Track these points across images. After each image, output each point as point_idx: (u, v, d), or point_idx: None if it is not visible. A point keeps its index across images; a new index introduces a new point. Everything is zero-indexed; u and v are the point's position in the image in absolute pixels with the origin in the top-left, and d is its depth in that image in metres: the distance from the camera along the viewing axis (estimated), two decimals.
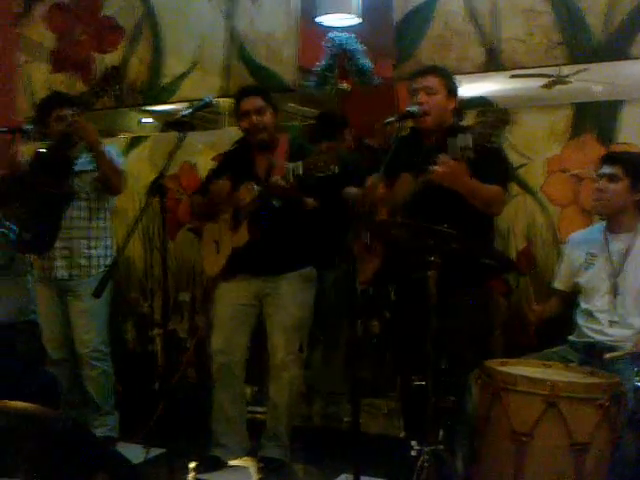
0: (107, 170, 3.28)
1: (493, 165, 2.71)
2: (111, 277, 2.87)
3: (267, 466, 3.16)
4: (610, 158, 2.73)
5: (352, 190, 2.99)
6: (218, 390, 3.23)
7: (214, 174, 3.34)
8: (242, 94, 3.18)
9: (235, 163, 3.25)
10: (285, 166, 2.87)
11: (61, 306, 3.43)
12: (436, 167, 2.52)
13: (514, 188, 3.14)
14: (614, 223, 2.73)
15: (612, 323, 2.63)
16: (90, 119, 3.27)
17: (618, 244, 2.69)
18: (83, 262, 3.37)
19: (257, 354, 3.30)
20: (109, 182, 3.32)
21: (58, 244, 3.35)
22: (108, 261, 3.42)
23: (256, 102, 3.11)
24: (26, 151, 4.12)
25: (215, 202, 3.19)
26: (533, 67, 3.30)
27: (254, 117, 3.10)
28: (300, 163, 2.82)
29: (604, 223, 2.79)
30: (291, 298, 3.13)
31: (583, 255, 2.78)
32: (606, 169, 2.70)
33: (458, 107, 2.90)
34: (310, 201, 3.05)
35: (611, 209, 2.72)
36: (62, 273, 3.37)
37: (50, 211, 3.33)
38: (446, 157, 2.50)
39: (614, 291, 2.65)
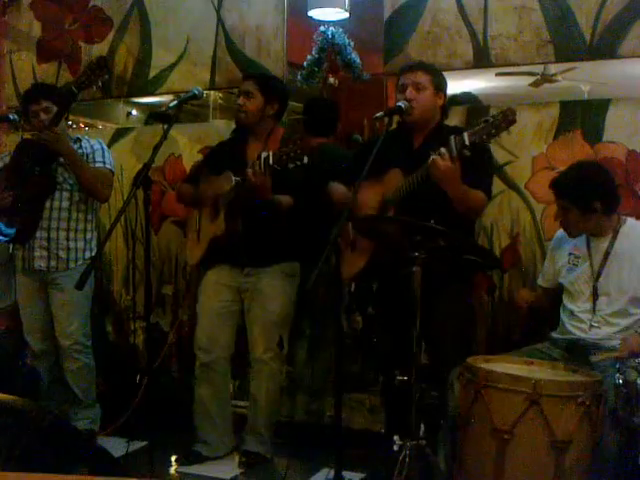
0: (86, 181, 3.24)
1: (482, 168, 2.69)
2: (93, 269, 2.84)
3: (248, 460, 3.16)
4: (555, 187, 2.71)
5: (338, 186, 2.97)
6: (200, 388, 3.22)
7: (205, 161, 3.35)
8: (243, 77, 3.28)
9: (228, 151, 3.24)
10: (262, 155, 2.84)
11: (43, 298, 3.38)
12: (436, 157, 2.47)
13: (499, 185, 3.13)
14: None
15: (595, 323, 2.63)
16: (76, 110, 3.23)
17: (599, 246, 2.68)
18: (62, 254, 3.32)
19: (240, 348, 3.28)
20: (91, 192, 3.29)
21: (38, 234, 3.30)
22: (89, 254, 3.37)
23: (246, 85, 3.15)
24: (9, 140, 4.08)
25: (201, 190, 3.18)
26: (523, 64, 3.30)
27: (241, 98, 3.14)
28: (271, 152, 2.80)
29: None
30: (271, 294, 3.12)
31: (566, 255, 2.78)
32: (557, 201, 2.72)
33: (445, 105, 2.88)
34: (285, 199, 3.03)
35: (577, 234, 2.73)
36: (40, 264, 3.31)
37: (31, 200, 3.28)
38: (444, 151, 2.47)
39: (595, 294, 2.65)
